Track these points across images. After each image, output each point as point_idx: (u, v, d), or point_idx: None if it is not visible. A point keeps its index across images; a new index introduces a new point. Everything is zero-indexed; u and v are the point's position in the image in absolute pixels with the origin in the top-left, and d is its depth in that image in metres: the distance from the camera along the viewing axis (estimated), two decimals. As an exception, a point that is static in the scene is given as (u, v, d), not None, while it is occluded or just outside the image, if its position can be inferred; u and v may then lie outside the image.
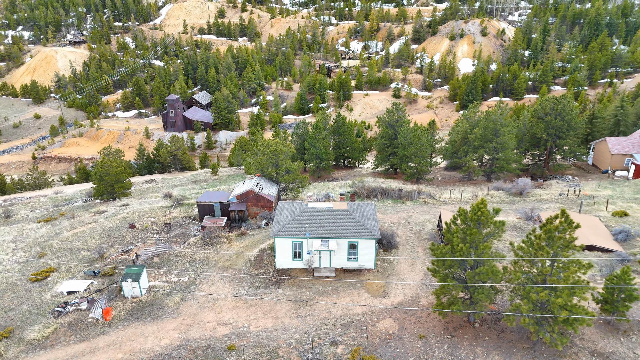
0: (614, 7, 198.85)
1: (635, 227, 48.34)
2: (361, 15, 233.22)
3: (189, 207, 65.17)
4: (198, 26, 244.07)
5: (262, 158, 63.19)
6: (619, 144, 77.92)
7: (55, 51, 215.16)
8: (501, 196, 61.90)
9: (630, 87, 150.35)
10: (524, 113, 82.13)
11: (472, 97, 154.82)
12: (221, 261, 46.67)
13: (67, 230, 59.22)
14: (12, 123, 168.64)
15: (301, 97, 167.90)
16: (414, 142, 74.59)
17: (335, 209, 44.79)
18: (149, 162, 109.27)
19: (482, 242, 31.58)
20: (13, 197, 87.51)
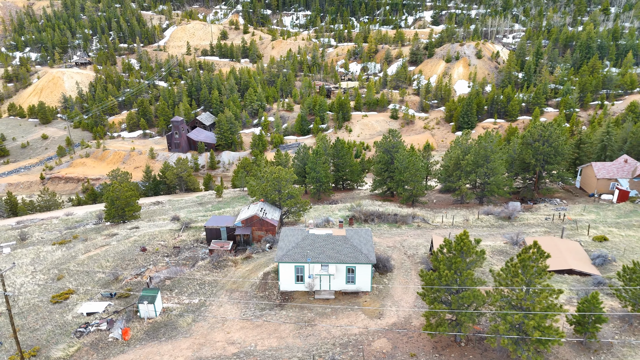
0: (605, 30, 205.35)
1: (613, 252, 52.10)
2: (360, 37, 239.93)
3: (196, 231, 68.91)
4: (201, 48, 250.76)
5: (265, 184, 67.18)
6: (604, 168, 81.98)
7: (62, 72, 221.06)
8: (490, 220, 65.73)
9: (621, 109, 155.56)
10: (514, 139, 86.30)
11: (468, 119, 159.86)
12: (228, 284, 50.29)
13: (82, 253, 62.86)
14: (20, 143, 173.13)
15: (302, 118, 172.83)
16: (410, 166, 78.67)
17: (334, 236, 48.60)
18: (155, 183, 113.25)
19: (465, 270, 35.37)
20: (26, 219, 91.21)
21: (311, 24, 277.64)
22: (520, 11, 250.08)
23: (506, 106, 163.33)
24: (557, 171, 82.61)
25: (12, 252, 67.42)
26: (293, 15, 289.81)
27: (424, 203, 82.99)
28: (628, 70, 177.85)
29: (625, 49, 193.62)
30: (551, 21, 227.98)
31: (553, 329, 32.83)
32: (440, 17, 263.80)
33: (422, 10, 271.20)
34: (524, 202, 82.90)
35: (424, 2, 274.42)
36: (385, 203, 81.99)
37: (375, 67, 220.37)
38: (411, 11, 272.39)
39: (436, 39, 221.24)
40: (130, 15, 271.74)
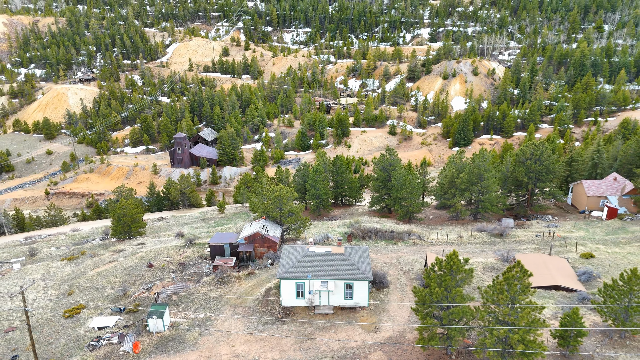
0: (598, 48, 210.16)
1: (598, 269, 54.71)
2: (359, 54, 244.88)
3: (200, 247, 71.48)
4: (203, 64, 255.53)
5: (267, 202, 69.98)
6: (594, 186, 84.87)
7: (66, 88, 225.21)
8: (483, 237, 68.40)
9: (614, 125, 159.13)
10: (507, 158, 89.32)
11: (464, 135, 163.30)
12: (232, 299, 52.77)
13: (91, 269, 65.36)
14: (25, 159, 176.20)
15: (302, 134, 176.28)
16: (406, 184, 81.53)
17: (333, 253, 51.26)
18: (158, 199, 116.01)
19: (455, 287, 38.02)
20: (34, 235, 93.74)
21: (311, 40, 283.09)
22: (516, 29, 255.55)
23: (502, 122, 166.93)
24: (549, 189, 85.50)
25: (22, 268, 69.88)
26: (293, 32, 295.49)
27: (421, 219, 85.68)
28: (621, 87, 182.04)
29: (619, 66, 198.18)
30: (546, 39, 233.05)
31: (536, 343, 35.36)
32: (437, 34, 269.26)
33: (420, 27, 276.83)
34: (517, 219, 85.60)
35: (422, 19, 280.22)
36: (382, 219, 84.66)
37: (374, 84, 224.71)
38: (409, 28, 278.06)
39: (433, 56, 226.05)
40: (134, 32, 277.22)
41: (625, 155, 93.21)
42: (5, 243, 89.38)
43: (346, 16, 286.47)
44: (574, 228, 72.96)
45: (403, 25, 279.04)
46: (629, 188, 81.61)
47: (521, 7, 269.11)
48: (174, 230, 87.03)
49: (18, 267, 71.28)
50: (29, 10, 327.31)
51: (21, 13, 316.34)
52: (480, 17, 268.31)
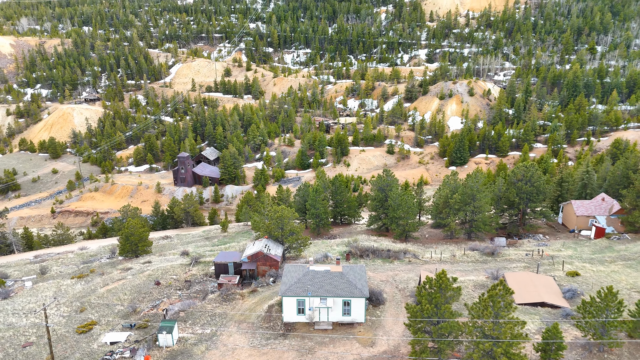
0: (591, 69, 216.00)
1: (583, 286, 57.85)
2: (358, 74, 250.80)
3: (205, 265, 74.61)
4: (206, 84, 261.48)
5: (270, 222, 73.38)
6: (583, 206, 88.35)
7: (72, 108, 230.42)
8: (475, 256, 71.62)
9: (607, 145, 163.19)
10: (499, 179, 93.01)
11: (460, 154, 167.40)
12: (237, 315, 55.79)
13: (101, 287, 68.40)
14: (31, 178, 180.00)
15: (302, 153, 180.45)
16: (402, 204, 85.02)
17: (332, 272, 54.47)
18: (163, 218, 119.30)
19: (444, 304, 41.24)
20: (42, 253, 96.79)
21: (311, 61, 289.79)
22: (511, 50, 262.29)
23: (497, 142, 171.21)
24: (540, 208, 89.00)
25: (34, 286, 72.89)
26: (294, 53, 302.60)
27: (417, 238, 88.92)
28: (613, 107, 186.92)
29: (611, 87, 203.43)
30: (540, 60, 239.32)
31: (519, 356, 38.42)
32: (434, 55, 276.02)
33: (417, 48, 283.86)
34: (510, 238, 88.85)
35: (419, 41, 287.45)
36: (380, 238, 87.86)
37: (372, 104, 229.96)
38: (407, 49, 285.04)
39: (430, 76, 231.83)
40: (138, 53, 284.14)
41: (614, 177, 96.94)
42: (16, 261, 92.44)
43: (345, 38, 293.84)
44: (562, 247, 76.20)
45: (401, 47, 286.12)
46: (616, 208, 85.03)
47: (515, 29, 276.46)
48: (178, 248, 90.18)
49: (30, 285, 74.26)
50: (35, 31, 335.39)
51: (28, 34, 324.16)
52: (476, 39, 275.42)
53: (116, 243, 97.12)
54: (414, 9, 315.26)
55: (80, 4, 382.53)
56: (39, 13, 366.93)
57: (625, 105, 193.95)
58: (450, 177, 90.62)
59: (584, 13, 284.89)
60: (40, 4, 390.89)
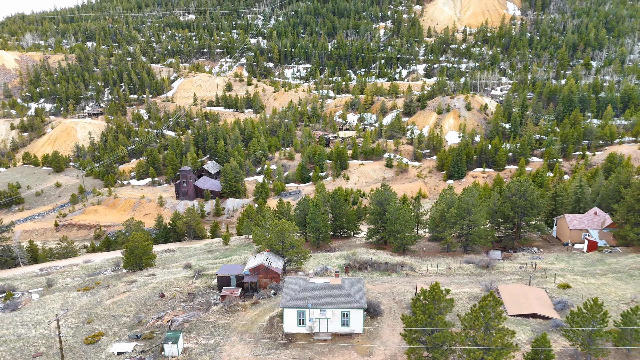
0: (586, 84, 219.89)
1: (573, 298, 59.92)
2: (357, 89, 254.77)
3: (208, 278, 76.64)
4: (207, 99, 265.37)
5: (271, 236, 75.62)
6: (576, 220, 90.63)
7: (75, 122, 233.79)
8: (471, 269, 73.72)
9: (602, 159, 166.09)
10: (494, 193, 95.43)
11: (458, 168, 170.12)
12: (239, 326, 57.76)
13: (107, 299, 70.36)
14: (35, 191, 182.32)
15: (302, 166, 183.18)
16: (400, 218, 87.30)
17: (331, 284, 56.61)
18: (165, 231, 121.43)
19: (437, 315, 43.39)
20: (48, 266, 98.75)
21: (311, 76, 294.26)
22: (507, 65, 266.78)
23: (494, 156, 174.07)
24: (535, 222, 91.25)
25: (41, 298, 74.83)
26: (294, 68, 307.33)
27: (414, 251, 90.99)
28: (608, 122, 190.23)
29: (605, 102, 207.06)
30: (536, 75, 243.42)
31: (508, 364, 40.48)
32: (432, 70, 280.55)
33: (416, 63, 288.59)
34: (506, 251, 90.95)
35: (417, 56, 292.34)
36: (378, 251, 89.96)
37: (371, 118, 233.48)
38: (405, 65, 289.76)
39: (428, 91, 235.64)
40: (141, 68, 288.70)
41: (606, 191, 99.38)
42: (22, 274, 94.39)
43: (345, 53, 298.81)
44: (556, 260, 78.32)
45: (399, 62, 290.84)
46: (608, 222, 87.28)
47: (512, 44, 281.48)
48: (181, 261, 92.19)
49: (37, 297, 76.17)
50: (39, 47, 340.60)
51: (32, 50, 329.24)
52: (473, 54, 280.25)
53: (120, 256, 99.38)
54: (412, 25, 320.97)
55: (84, 19, 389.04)
56: (43, 29, 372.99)
57: (620, 119, 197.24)
58: (446, 192, 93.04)
59: (579, 29, 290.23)
60: (45, 20, 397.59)
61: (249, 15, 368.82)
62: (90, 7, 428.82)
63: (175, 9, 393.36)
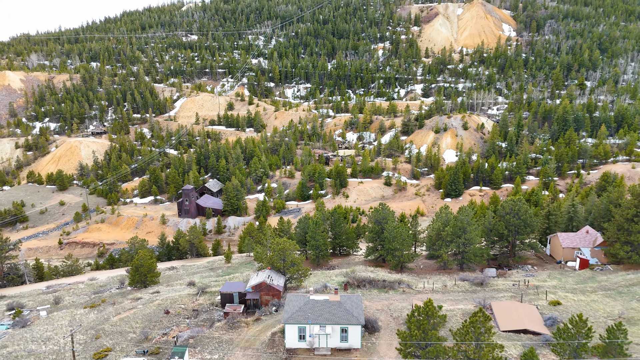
0: (580, 104, 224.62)
1: (563, 315, 62.32)
2: (356, 108, 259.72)
3: (211, 295, 79.00)
4: (209, 118, 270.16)
5: (272, 254, 78.28)
6: (568, 238, 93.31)
7: (79, 141, 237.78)
8: (466, 286, 76.17)
9: (596, 178, 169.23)
10: (489, 212, 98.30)
11: (455, 187, 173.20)
12: (242, 342, 60.06)
13: (113, 316, 72.65)
14: (39, 210, 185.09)
15: (302, 185, 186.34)
16: (397, 236, 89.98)
17: (330, 301, 59.14)
18: (168, 249, 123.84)
19: (430, 330, 45.94)
20: (54, 284, 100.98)
21: (311, 95, 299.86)
22: (503, 85, 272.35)
23: (490, 175, 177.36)
24: (529, 240, 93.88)
25: (49, 315, 77.07)
26: (294, 88, 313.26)
27: (412, 269, 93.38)
28: (602, 141, 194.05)
29: (600, 121, 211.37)
30: (531, 95, 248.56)
31: (497, 376, 42.86)
32: (430, 90, 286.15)
33: (414, 83, 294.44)
34: (501, 268, 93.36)
35: (415, 76, 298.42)
36: (376, 269, 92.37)
37: (370, 137, 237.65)
38: (403, 84, 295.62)
39: (426, 110, 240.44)
40: (144, 88, 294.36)
41: (598, 210, 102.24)
42: (29, 292, 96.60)
43: (344, 73, 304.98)
44: (548, 277, 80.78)
45: (397, 82, 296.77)
46: (600, 240, 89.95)
47: (508, 65, 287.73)
48: (185, 279, 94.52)
49: (45, 314, 78.40)
50: (44, 67, 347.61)
51: (37, 70, 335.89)
52: (470, 75, 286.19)
53: (124, 274, 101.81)
54: (410, 45, 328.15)
55: (89, 40, 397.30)
56: (49, 49, 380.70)
57: (614, 139, 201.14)
58: (442, 210, 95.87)
59: (573, 50, 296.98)
60: (50, 41, 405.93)
61: (251, 36, 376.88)
62: (94, 28, 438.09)
63: (178, 30, 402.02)
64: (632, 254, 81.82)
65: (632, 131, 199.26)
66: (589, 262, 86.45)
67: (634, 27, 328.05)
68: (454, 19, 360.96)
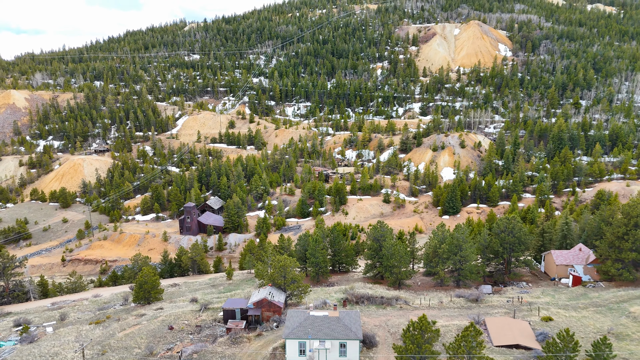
0: (575, 123, 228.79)
1: (554, 330, 64.42)
2: (355, 126, 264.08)
3: (213, 311, 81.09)
4: (211, 136, 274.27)
5: (273, 271, 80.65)
6: (562, 256, 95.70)
7: (82, 159, 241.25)
8: (461, 302, 78.36)
9: (591, 196, 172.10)
10: (484, 230, 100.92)
11: (453, 204, 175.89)
12: (244, 357, 62.12)
13: (118, 332, 74.68)
14: (42, 227, 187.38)
15: (302, 202, 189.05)
16: (395, 254, 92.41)
17: (330, 317, 61.42)
18: (170, 266, 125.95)
19: (424, 344, 48.28)
20: (59, 300, 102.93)
21: (311, 114, 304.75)
22: (500, 104, 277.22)
23: (487, 192, 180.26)
24: (523, 258, 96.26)
25: (55, 332, 79.04)
26: (295, 106, 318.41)
27: (409, 285, 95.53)
28: (597, 159, 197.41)
29: (594, 140, 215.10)
30: (527, 114, 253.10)
31: (488, 388, 45.06)
32: (427, 108, 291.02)
33: (412, 102, 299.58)
34: (496, 285, 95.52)
35: (413, 95, 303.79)
36: (375, 285, 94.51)
37: (369, 154, 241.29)
38: (401, 103, 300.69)
39: (424, 129, 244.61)
40: (147, 106, 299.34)
41: (591, 228, 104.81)
42: (34, 308, 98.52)
43: (343, 92, 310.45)
44: (542, 294, 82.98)
45: (396, 100, 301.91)
46: (592, 258, 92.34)
47: (504, 84, 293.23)
48: (187, 295, 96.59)
49: (51, 330, 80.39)
50: (48, 85, 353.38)
51: (41, 89, 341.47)
52: (467, 93, 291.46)
53: (128, 290, 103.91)
54: (408, 65, 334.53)
55: (93, 60, 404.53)
56: (53, 68, 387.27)
57: (609, 157, 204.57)
58: (439, 228, 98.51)
59: (568, 70, 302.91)
60: (54, 60, 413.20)
61: (252, 56, 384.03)
62: (98, 48, 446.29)
63: (180, 49, 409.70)
64: (622, 271, 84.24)
65: (626, 150, 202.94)
66: (581, 279, 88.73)
67: (627, 47, 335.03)
68: (451, 39, 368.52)
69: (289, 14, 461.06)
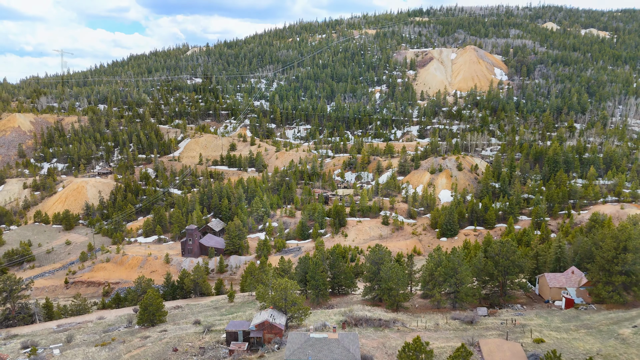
0: (569, 146, 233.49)
1: (546, 352, 66.88)
2: (354, 149, 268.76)
3: (216, 334, 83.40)
4: (212, 158, 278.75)
5: (274, 294, 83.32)
6: (555, 279, 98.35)
7: (85, 182, 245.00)
8: (456, 324, 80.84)
9: (586, 218, 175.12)
10: (479, 253, 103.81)
11: (451, 226, 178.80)
12: (247, 378, 64.42)
13: (124, 353, 76.97)
14: (45, 249, 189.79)
15: (302, 224, 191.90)
16: (393, 276, 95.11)
17: (329, 339, 64.02)
18: (173, 288, 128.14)
19: (419, 364, 50.96)
20: (64, 323, 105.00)
21: (311, 136, 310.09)
22: (496, 127, 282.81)
23: (484, 215, 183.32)
24: (518, 280, 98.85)
25: (62, 353, 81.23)
26: (295, 129, 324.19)
27: (407, 308, 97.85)
28: (592, 182, 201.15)
29: (589, 163, 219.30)
30: (523, 137, 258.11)
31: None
32: (425, 131, 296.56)
33: (410, 125, 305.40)
34: (492, 307, 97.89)
35: (411, 118, 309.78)
36: (373, 308, 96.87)
37: (368, 176, 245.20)
38: (400, 126, 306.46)
39: (422, 151, 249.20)
40: (149, 129, 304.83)
41: (583, 250, 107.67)
42: (40, 330, 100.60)
43: (342, 115, 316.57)
44: (535, 316, 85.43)
45: (394, 123, 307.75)
46: (584, 281, 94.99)
47: (500, 108, 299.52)
48: (190, 318, 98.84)
49: (58, 352, 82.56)
50: (53, 109, 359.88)
51: (46, 112, 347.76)
52: (464, 117, 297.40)
53: (131, 312, 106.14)
54: (406, 89, 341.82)
55: (97, 84, 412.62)
56: (58, 92, 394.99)
57: (604, 180, 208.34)
58: (435, 252, 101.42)
59: (562, 94, 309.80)
60: (59, 84, 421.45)
61: (253, 80, 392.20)
62: (102, 72, 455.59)
63: (183, 73, 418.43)
64: (613, 294, 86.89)
65: (620, 172, 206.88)
66: (574, 302, 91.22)
67: (620, 71, 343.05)
68: (448, 63, 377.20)
69: (289, 39, 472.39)
